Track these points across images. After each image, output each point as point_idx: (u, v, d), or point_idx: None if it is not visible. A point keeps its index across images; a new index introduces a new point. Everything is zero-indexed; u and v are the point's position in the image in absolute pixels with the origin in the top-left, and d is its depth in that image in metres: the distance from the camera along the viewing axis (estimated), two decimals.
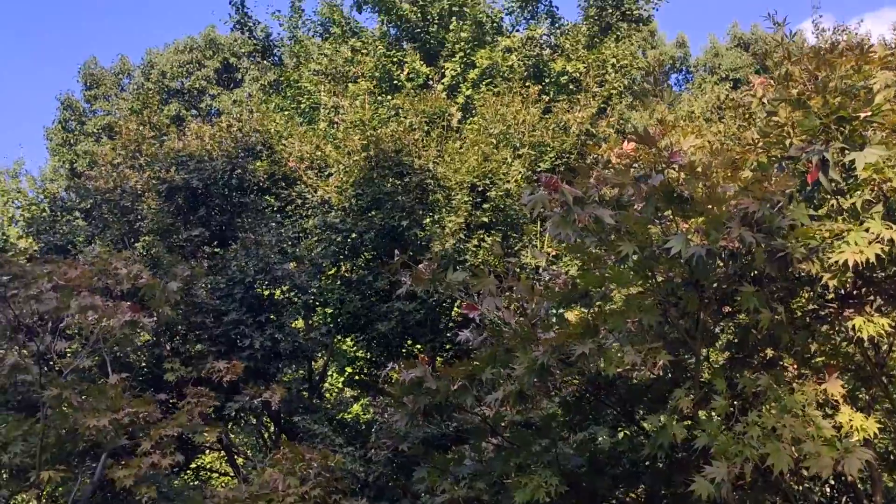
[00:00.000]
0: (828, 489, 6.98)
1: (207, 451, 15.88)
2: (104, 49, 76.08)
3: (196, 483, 13.28)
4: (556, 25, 21.15)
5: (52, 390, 8.16)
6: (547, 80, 18.42)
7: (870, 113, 4.97)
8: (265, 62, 23.03)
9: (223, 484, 14.08)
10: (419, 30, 19.67)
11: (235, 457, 13.40)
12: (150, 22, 62.18)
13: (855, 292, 5.63)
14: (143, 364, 12.12)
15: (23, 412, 9.67)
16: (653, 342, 5.61)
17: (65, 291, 8.42)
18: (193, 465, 14.23)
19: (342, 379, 15.47)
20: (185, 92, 35.10)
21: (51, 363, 9.37)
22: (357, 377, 14.04)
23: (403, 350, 12.40)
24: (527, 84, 15.76)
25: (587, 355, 5.64)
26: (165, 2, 62.81)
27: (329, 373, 15.24)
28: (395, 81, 18.93)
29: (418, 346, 12.38)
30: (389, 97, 17.41)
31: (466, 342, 6.78)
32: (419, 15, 19.55)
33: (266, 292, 11.78)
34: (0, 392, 9.16)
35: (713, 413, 5.55)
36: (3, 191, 26.06)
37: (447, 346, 12.31)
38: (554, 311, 6.67)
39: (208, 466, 15.85)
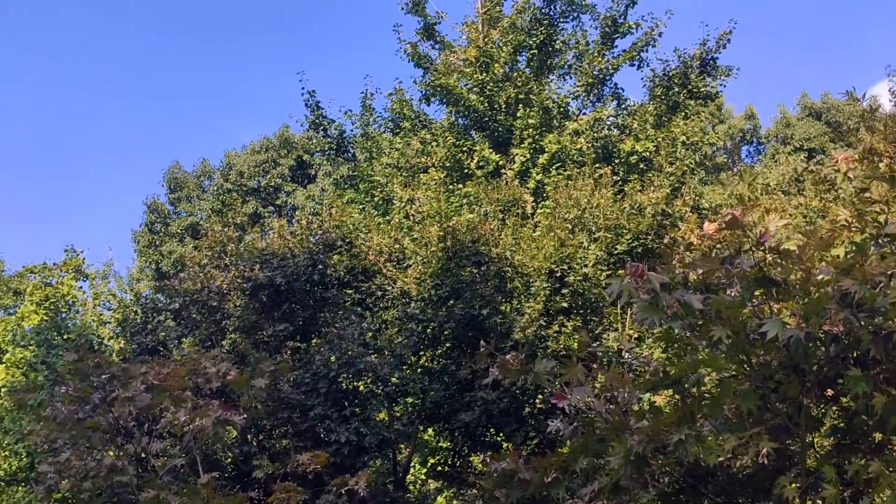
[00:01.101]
0: None
1: None
2: (186, 153, 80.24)
3: None
4: (623, 106, 21.40)
5: (148, 492, 8.34)
6: (617, 161, 18.53)
7: None
8: (339, 158, 23.88)
9: None
10: (487, 118, 20.15)
11: None
12: (230, 125, 65.52)
13: None
14: (230, 461, 12.27)
15: None
16: (752, 428, 5.43)
17: (158, 391, 8.70)
18: None
19: (425, 470, 15.30)
20: (261, 190, 36.53)
21: (146, 464, 9.58)
22: (440, 468, 13.87)
23: (486, 440, 12.25)
24: (597, 166, 15.88)
25: (684, 443, 5.48)
26: (243, 106, 66.23)
27: (412, 464, 15.11)
28: (466, 170, 19.32)
29: (502, 436, 12.21)
30: (461, 186, 17.75)
31: (557, 432, 6.67)
32: (486, 104, 20.07)
33: (350, 385, 11.88)
34: (97, 494, 9.36)
35: (822, 502, 5.29)
36: (95, 293, 27.29)
37: (531, 436, 12.10)
38: (645, 399, 6.54)
39: None
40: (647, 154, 18.31)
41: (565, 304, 12.63)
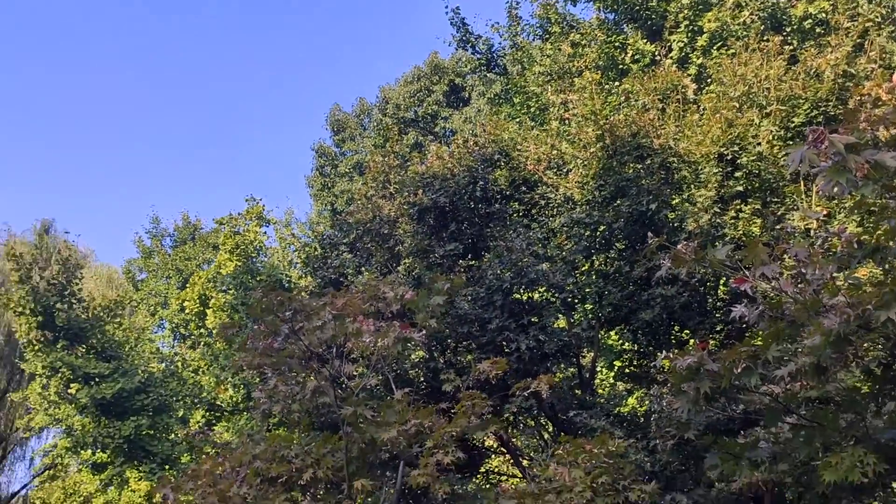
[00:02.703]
0: None
1: (494, 456, 16.48)
2: (343, 95, 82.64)
3: (487, 485, 13.76)
4: None
5: (347, 409, 8.90)
6: (788, 30, 16.90)
7: None
8: (490, 75, 23.56)
9: (512, 486, 14.45)
10: (637, 7, 19.01)
11: (520, 458, 13.69)
12: (381, 60, 66.55)
13: None
14: (422, 379, 12.82)
15: (327, 430, 10.66)
16: None
17: (341, 319, 9.16)
18: (483, 470, 14.81)
19: (612, 374, 15.25)
20: (419, 120, 37.00)
21: (342, 385, 10.20)
22: (627, 370, 13.74)
23: (671, 338, 11.93)
24: (765, 38, 14.55)
25: (894, 321, 5.00)
26: (392, 38, 66.88)
27: (598, 368, 15.10)
28: (621, 66, 18.44)
29: (686, 332, 11.84)
30: (617, 83, 16.98)
31: (741, 319, 6.32)
32: None
33: (524, 296, 11.94)
34: (307, 414, 10.08)
35: None
36: (281, 238, 29.12)
37: (717, 328, 11.64)
38: (840, 276, 6.03)
39: (496, 470, 16.41)
40: (824, 15, 16.52)
41: (740, 188, 11.85)
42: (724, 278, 10.33)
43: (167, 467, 16.71)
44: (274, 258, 24.26)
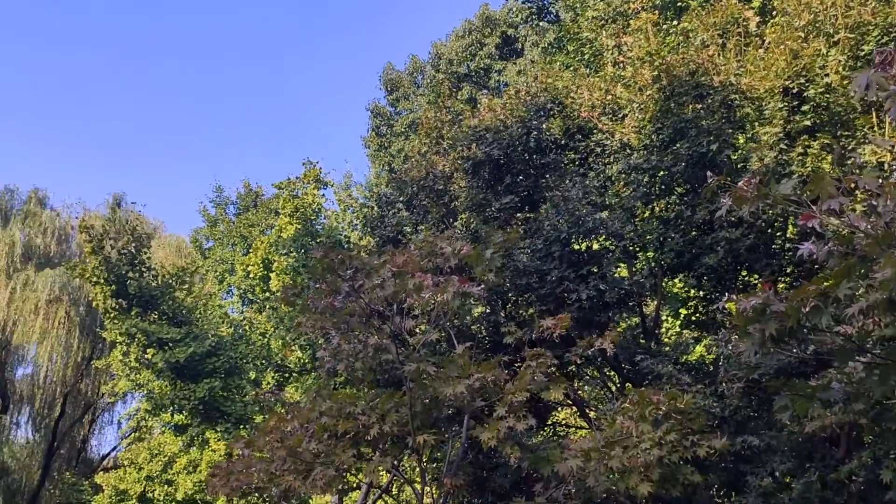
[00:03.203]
0: None
1: (560, 409, 16.44)
2: (396, 54, 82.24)
3: (554, 438, 13.76)
4: None
5: (409, 365, 8.96)
6: None
7: None
8: (542, 24, 23.02)
9: (579, 438, 14.41)
10: None
11: (587, 410, 13.62)
12: (433, 14, 65.77)
13: None
14: (484, 333, 12.81)
15: (391, 387, 10.78)
16: None
17: (401, 276, 9.18)
18: (550, 423, 14.80)
19: (678, 322, 14.97)
20: (472, 74, 36.53)
21: (404, 342, 10.27)
22: (693, 318, 13.46)
23: (738, 282, 11.59)
24: None
25: None
26: None
27: (663, 317, 14.84)
28: (679, 4, 17.73)
29: (754, 276, 11.48)
30: (675, 23, 16.35)
31: (810, 257, 6.06)
32: None
33: (583, 245, 11.75)
34: (370, 372, 10.19)
35: None
36: (340, 201, 29.36)
37: (787, 270, 11.25)
38: None
39: (563, 423, 16.39)
40: None
41: (808, 123, 11.31)
42: (794, 218, 9.94)
43: (241, 427, 17.26)
44: (332, 220, 24.48)
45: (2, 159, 60.30)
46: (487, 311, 12.75)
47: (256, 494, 9.87)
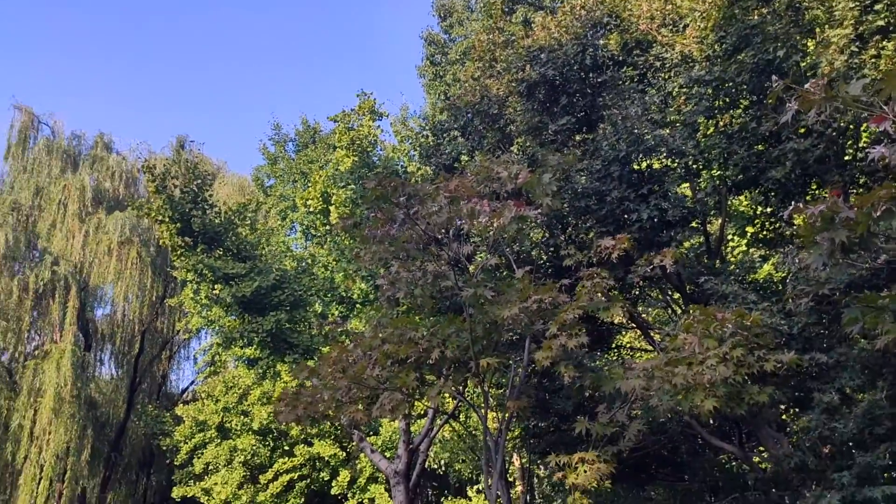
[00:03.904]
0: None
1: (624, 333, 16.32)
2: None
3: (617, 360, 13.71)
4: None
5: (468, 290, 8.94)
6: None
7: None
8: None
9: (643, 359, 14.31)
10: None
11: (651, 333, 13.48)
12: None
13: None
14: (544, 257, 12.69)
15: (452, 313, 10.83)
16: None
17: (456, 202, 9.08)
18: (614, 346, 14.73)
19: (744, 241, 14.55)
20: None
21: (463, 268, 10.24)
22: (760, 235, 13.05)
23: (808, 195, 11.13)
24: None
25: None
26: None
27: (729, 235, 14.44)
28: None
29: (824, 190, 11.00)
30: None
31: (881, 161, 5.72)
32: None
33: (643, 164, 11.43)
34: (430, 298, 10.23)
35: None
36: (396, 132, 29.22)
37: (860, 181, 10.74)
38: None
39: (628, 346, 16.30)
40: None
41: (881, 22, 10.59)
42: (866, 124, 9.43)
43: (308, 358, 17.70)
44: (389, 151, 24.38)
45: (67, 104, 61.82)
46: (546, 235, 12.61)
47: (328, 423, 10.12)
